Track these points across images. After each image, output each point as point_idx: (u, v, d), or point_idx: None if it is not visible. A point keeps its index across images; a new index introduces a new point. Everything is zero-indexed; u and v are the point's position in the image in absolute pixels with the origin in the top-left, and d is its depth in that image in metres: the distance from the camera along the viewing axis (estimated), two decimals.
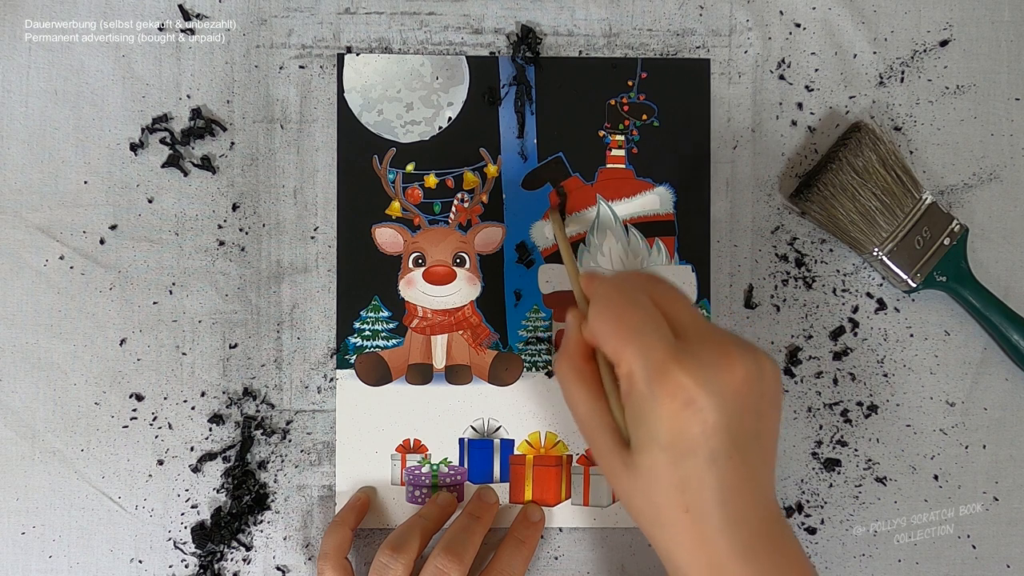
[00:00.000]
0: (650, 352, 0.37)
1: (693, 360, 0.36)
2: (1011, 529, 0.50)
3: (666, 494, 0.37)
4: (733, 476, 0.37)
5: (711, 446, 0.36)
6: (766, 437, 0.38)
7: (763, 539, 0.38)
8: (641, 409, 0.37)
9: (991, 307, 0.49)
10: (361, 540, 0.49)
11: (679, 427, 0.36)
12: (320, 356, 0.49)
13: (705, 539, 0.37)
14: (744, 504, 0.37)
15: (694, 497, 0.37)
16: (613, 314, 0.38)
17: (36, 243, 0.49)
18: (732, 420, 0.36)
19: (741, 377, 0.37)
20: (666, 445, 0.36)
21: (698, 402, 0.36)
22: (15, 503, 0.49)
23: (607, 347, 0.38)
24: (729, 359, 0.37)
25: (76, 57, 0.49)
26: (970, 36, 0.50)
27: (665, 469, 0.37)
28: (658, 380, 0.36)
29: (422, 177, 0.50)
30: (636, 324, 0.37)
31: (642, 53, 0.50)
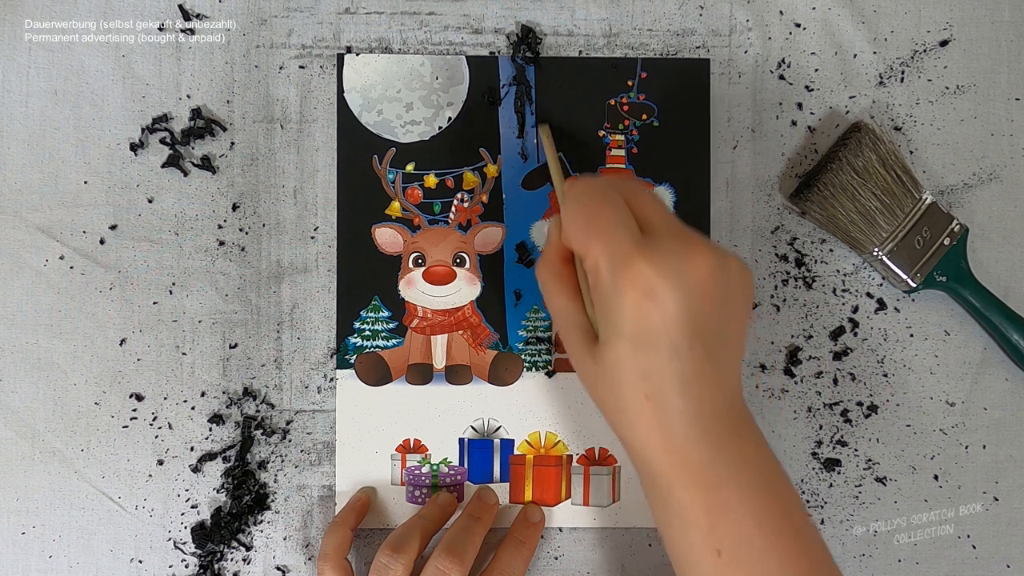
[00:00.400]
0: (616, 245, 0.38)
1: (656, 252, 0.37)
2: (1011, 529, 0.50)
3: (629, 383, 0.38)
4: (694, 367, 0.37)
5: (671, 336, 0.37)
6: (731, 334, 0.39)
7: (724, 427, 0.38)
8: (607, 301, 0.38)
9: (991, 307, 0.49)
10: (361, 540, 0.49)
11: (640, 317, 0.37)
12: (320, 356, 0.49)
13: (665, 424, 0.38)
14: (704, 394, 0.38)
15: (655, 384, 0.37)
16: (584, 211, 0.39)
17: (36, 243, 0.49)
18: (694, 312, 0.37)
19: (704, 270, 0.37)
20: (628, 335, 0.37)
21: (659, 292, 0.37)
22: (15, 503, 0.49)
23: (576, 243, 0.39)
24: (693, 252, 0.38)
25: (76, 57, 0.49)
26: (970, 36, 0.50)
27: (628, 359, 0.37)
28: (621, 271, 0.37)
29: (422, 177, 0.50)
30: (605, 220, 0.38)
31: (642, 53, 0.50)
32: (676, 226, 0.39)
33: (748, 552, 0.38)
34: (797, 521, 0.39)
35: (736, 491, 0.38)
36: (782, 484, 0.39)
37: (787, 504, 0.39)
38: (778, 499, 0.39)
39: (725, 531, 0.38)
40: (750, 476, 0.38)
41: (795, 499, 0.40)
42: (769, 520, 0.38)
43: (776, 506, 0.38)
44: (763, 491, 0.38)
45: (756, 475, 0.38)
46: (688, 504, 0.38)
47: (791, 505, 0.39)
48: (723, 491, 0.38)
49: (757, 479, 0.38)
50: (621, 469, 0.50)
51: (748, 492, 0.38)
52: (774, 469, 0.39)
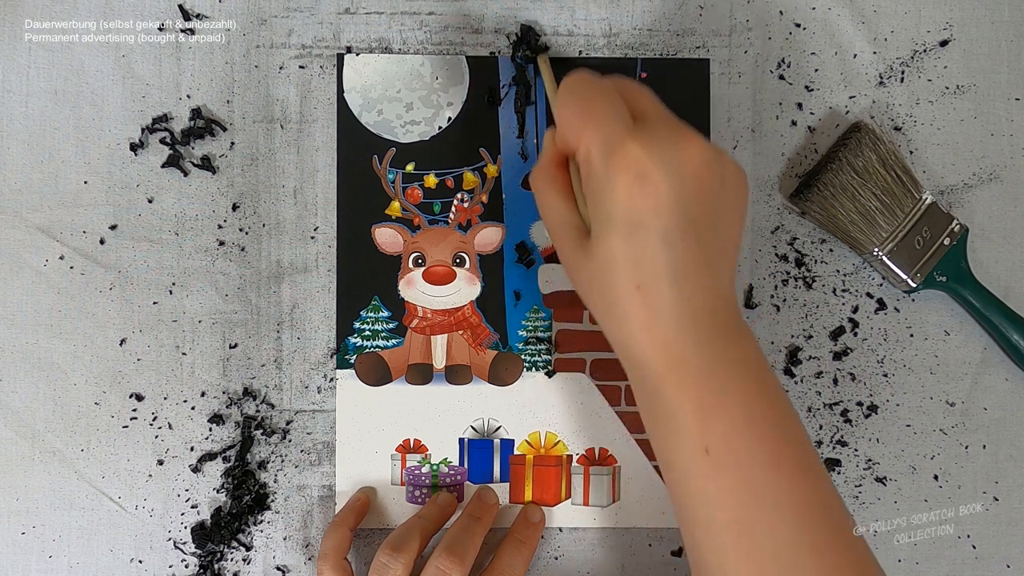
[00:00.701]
0: (608, 131, 0.37)
1: (650, 137, 0.37)
2: (1011, 529, 0.50)
3: (620, 272, 0.37)
4: (685, 256, 0.37)
5: (663, 222, 0.36)
6: (725, 231, 0.39)
7: (716, 326, 0.38)
8: (598, 189, 0.38)
9: (991, 307, 0.49)
10: (361, 540, 0.49)
11: (632, 201, 0.37)
12: (320, 356, 0.49)
13: (655, 316, 0.37)
14: (696, 287, 0.37)
15: (646, 273, 0.37)
16: (577, 101, 0.39)
17: (36, 243, 0.49)
18: (686, 200, 0.37)
19: (698, 159, 0.37)
20: (620, 221, 0.37)
21: (651, 176, 0.36)
22: (15, 503, 0.49)
23: (569, 132, 0.39)
24: (686, 141, 0.38)
25: (76, 57, 0.49)
26: (970, 36, 0.50)
27: (619, 246, 0.37)
28: (613, 155, 0.37)
29: (422, 177, 0.50)
30: (596, 107, 0.38)
31: (642, 53, 0.50)
32: (670, 117, 0.39)
33: (736, 451, 0.37)
34: (787, 424, 0.38)
35: (727, 390, 0.37)
36: (773, 387, 0.39)
37: (777, 407, 0.38)
38: (768, 401, 0.38)
39: (714, 429, 0.37)
40: (742, 376, 0.38)
41: (786, 404, 0.39)
42: (759, 421, 0.37)
43: (766, 408, 0.38)
44: (754, 392, 0.38)
45: (747, 375, 0.38)
46: (677, 403, 0.37)
47: (782, 408, 0.38)
48: (714, 389, 0.37)
49: (748, 379, 0.38)
50: (621, 469, 0.50)
51: (739, 392, 0.37)
52: (766, 372, 0.39)
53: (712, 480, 0.37)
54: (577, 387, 0.50)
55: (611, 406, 0.50)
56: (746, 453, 0.37)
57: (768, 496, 0.37)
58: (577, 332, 0.50)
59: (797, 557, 0.36)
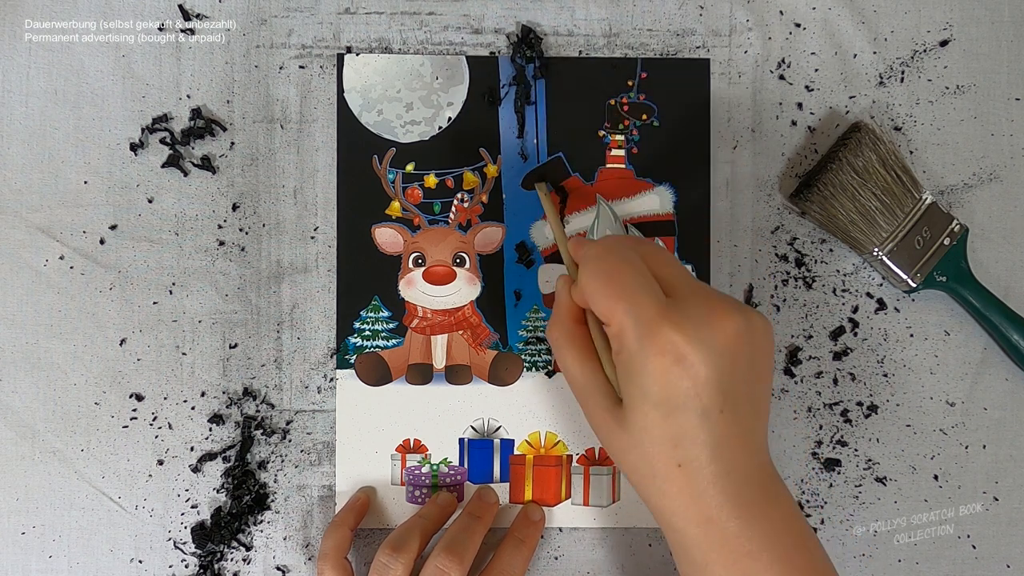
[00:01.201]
0: (641, 310, 0.37)
1: (683, 317, 0.37)
2: (1011, 529, 0.50)
3: (659, 449, 0.37)
4: (725, 430, 0.37)
5: (702, 401, 0.37)
6: (758, 392, 0.39)
7: (755, 492, 0.38)
8: (632, 366, 0.37)
9: (991, 307, 0.49)
10: (361, 540, 0.49)
11: (670, 383, 0.37)
12: (320, 356, 0.49)
13: (698, 492, 0.37)
14: (736, 457, 0.37)
15: (686, 451, 0.37)
16: (604, 273, 0.39)
17: (36, 243, 0.49)
18: (723, 375, 0.37)
19: (731, 333, 0.37)
20: (658, 401, 0.37)
21: (688, 358, 0.36)
22: (15, 503, 0.49)
23: (598, 306, 0.39)
24: (719, 315, 0.37)
25: (76, 57, 0.49)
26: (970, 36, 0.50)
27: (657, 425, 0.37)
28: (648, 337, 0.37)
29: (422, 177, 0.50)
30: (627, 283, 0.38)
31: (642, 53, 0.50)
32: (698, 286, 0.39)
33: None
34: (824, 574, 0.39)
35: (770, 560, 0.38)
36: (813, 548, 0.39)
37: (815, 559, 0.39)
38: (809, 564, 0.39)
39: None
40: (783, 543, 0.38)
41: (824, 561, 0.40)
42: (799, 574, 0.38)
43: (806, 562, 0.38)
44: (796, 558, 0.38)
45: (789, 542, 0.38)
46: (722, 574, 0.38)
47: (818, 560, 0.39)
48: (759, 561, 0.37)
49: (790, 546, 0.38)
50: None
51: (782, 560, 0.38)
52: (805, 533, 0.39)
53: None
54: None
55: None
56: None
57: None
58: None
59: None
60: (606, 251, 0.40)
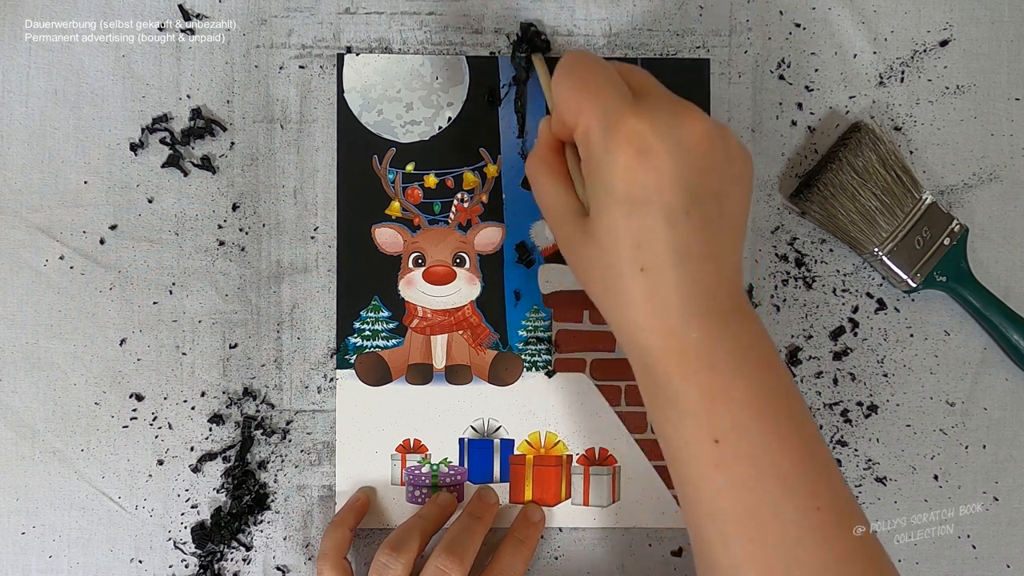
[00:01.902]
0: (608, 105, 0.37)
1: (650, 111, 0.36)
2: (1011, 529, 0.50)
3: (623, 253, 0.36)
4: (690, 236, 0.36)
5: (666, 199, 0.36)
6: (730, 210, 0.38)
7: (722, 306, 0.37)
8: (597, 165, 0.37)
9: (991, 307, 0.49)
10: (361, 540, 0.49)
11: (633, 177, 0.36)
12: (320, 356, 0.49)
13: (660, 299, 0.36)
14: (702, 268, 0.36)
15: (649, 253, 0.36)
16: (575, 76, 0.38)
17: (36, 243, 0.49)
18: (690, 175, 0.36)
19: (701, 132, 0.36)
20: (621, 198, 0.36)
21: (653, 149, 0.35)
22: (15, 503, 0.49)
23: (567, 111, 0.38)
24: (689, 115, 0.37)
25: (76, 57, 0.49)
26: (970, 36, 0.50)
27: (621, 225, 0.36)
28: (613, 129, 0.36)
29: (422, 177, 0.50)
30: (595, 82, 0.38)
31: (642, 53, 0.50)
32: (670, 93, 0.39)
33: (747, 440, 0.36)
34: (793, 406, 0.37)
35: (735, 376, 0.36)
36: (778, 370, 0.38)
37: (783, 390, 0.37)
38: (774, 384, 0.37)
39: (723, 419, 0.36)
40: (749, 360, 0.37)
41: (790, 385, 0.38)
42: (768, 406, 0.37)
43: (773, 392, 0.37)
44: (762, 377, 0.37)
45: (755, 359, 0.37)
46: (685, 392, 0.36)
47: (788, 391, 0.38)
48: (722, 376, 0.36)
49: (756, 364, 0.37)
50: (621, 469, 0.50)
51: (747, 377, 0.36)
52: (771, 354, 0.38)
53: (721, 470, 0.36)
54: (577, 387, 0.50)
55: (611, 406, 0.50)
56: (755, 441, 0.36)
57: (775, 482, 0.36)
58: (577, 332, 0.50)
59: (804, 540, 0.36)
60: (579, 58, 0.39)
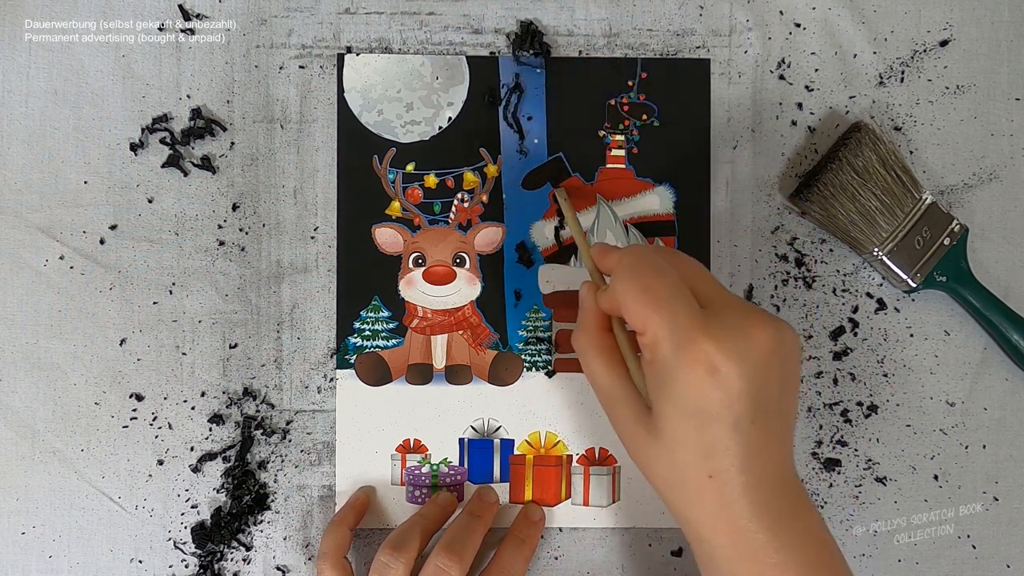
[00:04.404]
0: (676, 320, 0.37)
1: (718, 328, 0.37)
2: (1011, 529, 0.50)
3: (690, 459, 0.38)
4: (756, 441, 0.37)
5: (736, 412, 0.37)
6: (787, 403, 0.39)
7: (783, 503, 0.38)
8: (666, 376, 0.38)
9: (991, 307, 0.49)
10: (361, 540, 0.49)
11: (703, 394, 0.37)
12: (320, 356, 0.49)
13: (728, 503, 0.38)
14: (765, 468, 0.38)
15: (718, 462, 0.37)
16: (640, 283, 0.39)
17: (36, 243, 0.49)
18: (756, 387, 0.37)
19: (765, 345, 0.37)
20: (691, 412, 0.37)
21: (722, 369, 0.37)
22: (15, 503, 0.49)
23: (633, 316, 0.39)
24: (752, 328, 0.38)
25: (76, 57, 0.49)
26: (970, 36, 0.50)
27: (690, 435, 0.37)
28: (684, 347, 0.37)
29: (422, 177, 0.50)
30: (663, 293, 0.38)
31: (642, 53, 0.50)
32: (732, 299, 0.40)
33: None
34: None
35: (798, 572, 0.38)
36: (836, 556, 0.40)
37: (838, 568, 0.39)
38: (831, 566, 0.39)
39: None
40: (810, 555, 0.38)
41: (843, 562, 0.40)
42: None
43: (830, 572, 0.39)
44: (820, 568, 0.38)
45: (815, 553, 0.38)
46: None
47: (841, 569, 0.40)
48: (788, 572, 0.38)
49: (816, 558, 0.38)
50: (621, 469, 0.50)
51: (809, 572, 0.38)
52: (831, 545, 0.40)
53: None
54: (577, 387, 0.50)
55: None
56: None
57: None
58: None
59: None
60: (640, 260, 0.40)
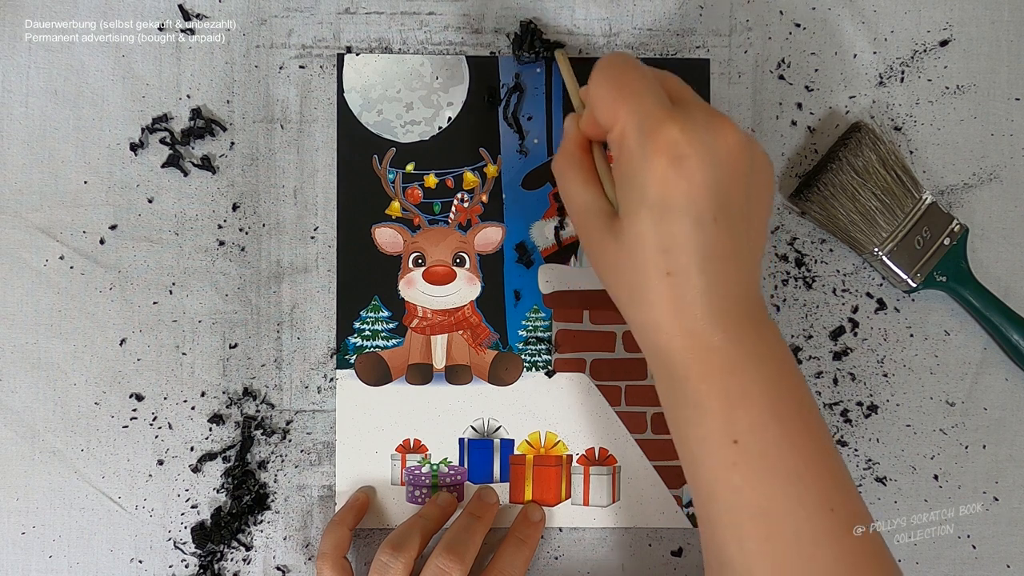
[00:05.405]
0: (645, 108, 0.37)
1: (687, 119, 0.37)
2: (1011, 529, 0.50)
3: (649, 256, 0.37)
4: (716, 242, 0.37)
5: (697, 205, 0.36)
6: (754, 217, 0.39)
7: (742, 311, 0.38)
8: (631, 169, 0.37)
9: (991, 307, 0.49)
10: (361, 540, 0.49)
11: (667, 183, 0.36)
12: (320, 356, 0.49)
13: (684, 303, 0.37)
14: (725, 274, 0.37)
15: (676, 258, 0.37)
16: (612, 77, 0.39)
17: (36, 243, 0.49)
18: (720, 183, 0.37)
19: (732, 143, 0.37)
20: (653, 203, 0.37)
21: (688, 158, 0.36)
22: (15, 503, 0.49)
23: (603, 109, 0.39)
24: (722, 125, 0.38)
25: (76, 57, 0.49)
26: (970, 36, 0.50)
27: (651, 229, 0.37)
28: (650, 135, 0.37)
29: (422, 177, 0.50)
30: (634, 85, 0.38)
31: (642, 53, 0.50)
32: (704, 102, 0.40)
33: (763, 440, 0.37)
34: (807, 412, 0.39)
35: (754, 378, 0.37)
36: (796, 375, 0.39)
37: (800, 395, 0.39)
38: (791, 389, 0.39)
39: (741, 419, 0.37)
40: (767, 364, 0.38)
41: (806, 390, 0.39)
42: (784, 409, 0.38)
43: (790, 397, 0.38)
44: (779, 380, 0.38)
45: (773, 363, 0.38)
46: (705, 392, 0.38)
47: (803, 396, 0.39)
48: (741, 378, 0.37)
49: (773, 368, 0.38)
50: (621, 469, 0.50)
51: (765, 380, 0.38)
52: (788, 359, 0.39)
53: (738, 469, 0.37)
54: (577, 387, 0.50)
55: (611, 406, 0.50)
56: (772, 443, 0.37)
57: (790, 482, 0.37)
58: (577, 332, 0.50)
59: (816, 539, 0.37)
60: (616, 58, 0.40)
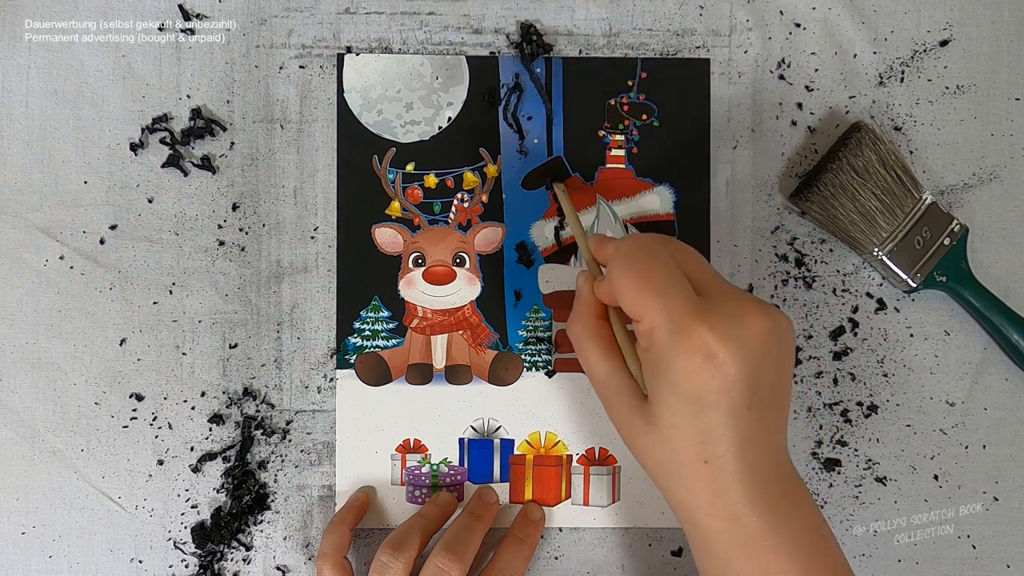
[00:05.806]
0: (673, 307, 0.38)
1: (715, 315, 0.37)
2: (1011, 529, 0.50)
3: (686, 446, 0.38)
4: (752, 428, 0.38)
5: (732, 399, 0.37)
6: (782, 389, 0.39)
7: (778, 489, 0.39)
8: (662, 363, 0.38)
9: (991, 307, 0.49)
10: (361, 540, 0.49)
11: (700, 381, 0.37)
12: (320, 356, 0.49)
13: (723, 488, 0.38)
14: (761, 455, 0.38)
15: (714, 448, 0.37)
16: (636, 271, 0.39)
17: (36, 243, 0.49)
18: (751, 373, 0.37)
19: (761, 332, 0.38)
20: (687, 399, 0.37)
21: (719, 356, 0.37)
22: (15, 503, 0.49)
23: (630, 303, 0.39)
24: (748, 315, 0.38)
25: (76, 57, 0.49)
26: (970, 36, 0.50)
27: (686, 421, 0.38)
28: (680, 334, 0.37)
29: (422, 177, 0.50)
30: (659, 280, 0.38)
31: (642, 53, 0.50)
32: (728, 286, 0.40)
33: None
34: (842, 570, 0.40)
35: (792, 557, 0.38)
36: (832, 547, 0.40)
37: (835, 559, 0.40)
38: (827, 557, 0.39)
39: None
40: (804, 540, 0.38)
41: (843, 562, 0.40)
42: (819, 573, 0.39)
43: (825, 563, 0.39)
44: (816, 556, 0.39)
45: (809, 539, 0.39)
46: (746, 572, 0.38)
47: (837, 559, 0.40)
48: (781, 558, 0.38)
49: (811, 544, 0.39)
50: (621, 469, 0.50)
51: (803, 558, 0.38)
52: (825, 531, 0.40)
53: None
54: (577, 387, 0.50)
55: None
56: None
57: None
58: None
59: None
60: (637, 248, 0.40)
